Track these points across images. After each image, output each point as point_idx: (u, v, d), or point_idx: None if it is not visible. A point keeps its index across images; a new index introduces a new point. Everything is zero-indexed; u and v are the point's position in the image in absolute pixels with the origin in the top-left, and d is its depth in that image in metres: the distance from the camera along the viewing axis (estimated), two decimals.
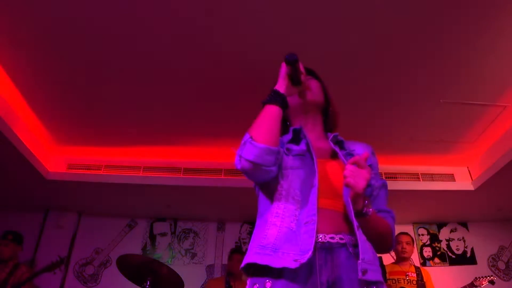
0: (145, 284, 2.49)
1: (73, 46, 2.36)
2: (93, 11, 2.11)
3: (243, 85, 2.71)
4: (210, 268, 4.09)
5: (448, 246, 4.34)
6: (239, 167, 0.99)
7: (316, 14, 2.13)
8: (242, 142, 0.99)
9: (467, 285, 3.34)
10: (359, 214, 0.97)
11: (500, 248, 4.33)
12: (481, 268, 4.17)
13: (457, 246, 4.34)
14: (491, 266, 4.22)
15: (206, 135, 3.33)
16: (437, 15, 2.13)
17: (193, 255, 4.19)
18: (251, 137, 0.98)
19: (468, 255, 4.28)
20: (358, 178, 0.93)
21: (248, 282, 0.97)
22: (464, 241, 4.38)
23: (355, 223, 0.94)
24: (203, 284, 3.98)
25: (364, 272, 0.89)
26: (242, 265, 0.97)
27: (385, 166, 3.63)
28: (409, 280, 3.02)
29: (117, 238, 4.24)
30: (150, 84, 2.70)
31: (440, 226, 4.47)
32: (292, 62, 1.08)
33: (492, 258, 4.27)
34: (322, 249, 0.93)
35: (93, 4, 2.06)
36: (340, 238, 0.95)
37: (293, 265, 0.87)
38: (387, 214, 1.10)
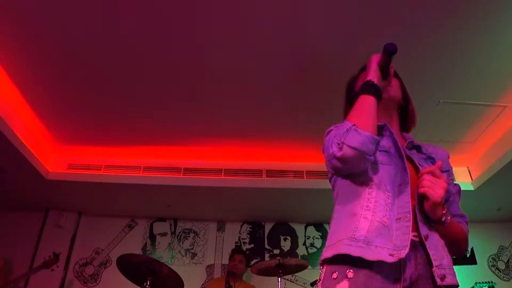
0: (145, 284, 2.50)
1: (73, 46, 2.36)
2: (93, 11, 2.11)
3: (244, 85, 2.71)
4: (210, 268, 4.09)
5: None
6: (339, 154, 0.96)
7: (312, 11, 2.13)
8: (344, 130, 0.97)
9: None
10: (438, 222, 0.97)
11: (500, 248, 4.33)
12: (481, 268, 4.17)
13: None
14: (491, 266, 4.22)
15: (206, 135, 3.33)
16: (437, 15, 2.13)
17: (193, 255, 4.19)
18: (354, 125, 0.96)
19: (468, 255, 4.28)
20: (436, 188, 0.94)
21: (324, 270, 0.96)
22: None
23: (422, 233, 0.95)
24: (203, 284, 3.98)
25: (442, 278, 0.90)
26: (329, 255, 0.95)
27: None
28: None
29: (117, 238, 4.23)
30: (150, 84, 2.70)
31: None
32: (392, 52, 1.04)
33: (492, 258, 4.27)
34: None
35: (93, 4, 2.06)
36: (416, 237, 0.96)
37: (389, 259, 0.87)
38: (462, 219, 1.12)
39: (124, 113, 3.03)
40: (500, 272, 4.19)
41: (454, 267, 0.98)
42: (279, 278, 2.89)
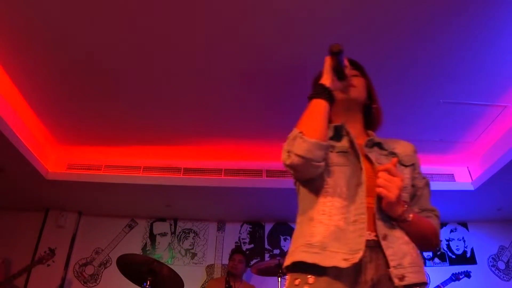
0: (145, 284, 2.50)
1: (73, 45, 2.36)
2: (93, 11, 2.11)
3: (244, 85, 2.71)
4: (210, 268, 4.09)
5: (448, 246, 4.34)
6: (288, 162, 0.98)
7: (312, 13, 2.13)
8: (291, 137, 0.98)
9: (447, 279, 3.55)
10: (399, 220, 0.97)
11: (500, 248, 4.33)
12: (481, 268, 4.17)
13: (457, 246, 4.34)
14: (491, 266, 4.22)
15: (206, 135, 3.33)
16: (437, 15, 2.13)
17: (193, 255, 4.19)
18: (301, 132, 0.97)
19: (468, 255, 4.28)
20: (391, 187, 0.93)
21: (288, 277, 0.97)
22: (464, 241, 4.38)
23: (380, 233, 0.94)
24: (203, 284, 3.98)
25: (401, 278, 0.89)
26: (288, 263, 0.96)
27: None
28: None
29: (117, 238, 4.23)
30: (150, 84, 2.70)
31: (440, 226, 4.46)
32: (336, 53, 1.04)
33: (492, 258, 4.27)
34: (368, 247, 0.92)
35: (94, 4, 2.06)
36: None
37: (343, 264, 0.87)
38: (431, 212, 1.11)
39: (124, 113, 3.02)
40: (500, 272, 4.19)
41: (454, 267, 0.97)
42: (279, 278, 2.89)
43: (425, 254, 4.29)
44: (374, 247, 0.93)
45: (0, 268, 3.41)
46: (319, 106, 1.02)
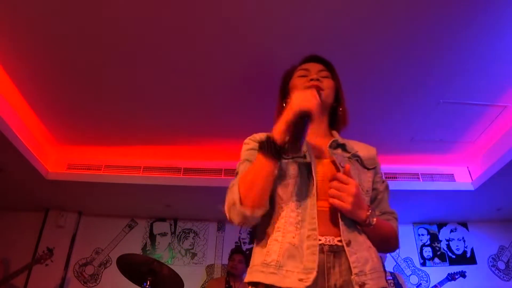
0: (145, 284, 2.49)
1: (73, 45, 2.36)
2: (93, 11, 2.11)
3: (244, 85, 2.71)
4: (210, 268, 4.09)
5: (448, 246, 4.34)
6: (227, 217, 0.99)
7: (314, 13, 2.13)
8: (231, 201, 0.96)
9: (443, 279, 3.58)
10: (364, 225, 0.96)
11: (500, 248, 4.33)
12: (481, 268, 4.17)
13: (457, 246, 4.34)
14: (491, 266, 4.22)
15: (206, 135, 3.33)
16: (438, 15, 2.13)
17: (193, 255, 4.19)
18: (240, 199, 0.94)
19: (468, 255, 4.28)
20: (343, 196, 0.93)
21: None
22: (464, 241, 4.38)
23: (344, 239, 0.93)
24: (203, 284, 3.98)
25: (362, 285, 0.89)
26: (247, 280, 0.96)
27: (385, 166, 3.63)
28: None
29: (117, 238, 4.24)
30: (150, 84, 2.69)
31: (440, 226, 4.47)
32: (306, 117, 0.92)
33: (492, 258, 4.27)
34: (330, 252, 0.92)
35: (94, 5, 2.06)
36: (339, 241, 0.95)
37: (298, 285, 0.87)
38: (391, 215, 1.10)
39: (124, 113, 3.02)
40: (500, 272, 4.19)
41: (454, 267, 0.98)
42: None
43: (425, 254, 4.29)
44: (338, 252, 0.93)
45: None
46: (265, 169, 0.94)
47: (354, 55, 2.41)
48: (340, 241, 0.93)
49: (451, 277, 3.61)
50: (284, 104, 1.21)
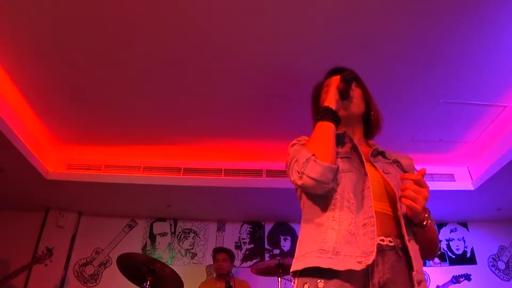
0: (145, 284, 2.50)
1: (73, 45, 2.36)
2: (93, 11, 2.11)
3: (245, 85, 2.71)
4: (210, 268, 4.08)
5: (448, 246, 4.34)
6: (299, 183, 1.01)
7: (315, 13, 2.13)
8: (304, 159, 1.00)
9: (447, 282, 3.55)
10: (419, 226, 1.00)
11: (500, 248, 4.33)
12: (481, 268, 4.17)
13: (457, 246, 4.34)
14: (491, 266, 4.22)
15: (206, 135, 3.33)
16: (438, 15, 2.13)
17: (193, 255, 4.19)
18: (313, 155, 0.99)
19: (468, 255, 4.28)
20: (419, 199, 0.96)
21: (296, 282, 0.98)
22: (464, 241, 4.38)
23: (406, 237, 0.97)
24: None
25: (419, 282, 0.93)
26: (298, 268, 0.98)
27: None
28: None
29: (117, 238, 4.24)
30: (150, 84, 2.70)
31: (440, 226, 4.47)
32: (349, 80, 1.08)
33: (492, 258, 4.27)
34: (377, 250, 0.95)
35: (94, 5, 2.06)
36: (390, 241, 0.98)
37: (357, 267, 0.90)
38: (432, 221, 1.14)
39: (124, 113, 3.02)
40: (500, 272, 4.19)
41: (454, 267, 1.00)
42: (279, 278, 2.89)
43: None
44: (381, 250, 0.95)
45: None
46: (327, 129, 1.05)
47: (353, 56, 2.41)
48: (383, 240, 0.97)
49: (455, 280, 3.56)
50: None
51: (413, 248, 0.98)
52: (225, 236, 4.32)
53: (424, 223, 0.99)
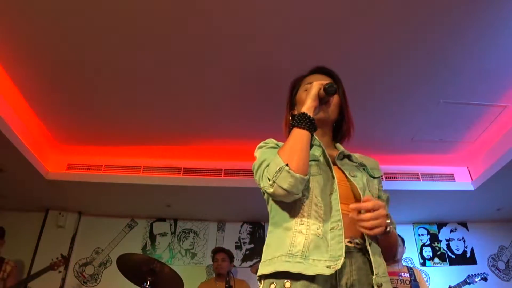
0: (145, 284, 2.49)
1: (73, 45, 2.36)
2: (93, 11, 2.11)
3: (245, 86, 2.71)
4: (210, 268, 4.08)
5: (448, 246, 4.35)
6: (269, 191, 0.99)
7: (316, 15, 2.13)
8: (276, 168, 0.97)
9: (461, 282, 3.40)
10: (384, 233, 0.99)
11: (500, 248, 4.33)
12: (481, 268, 4.17)
13: (457, 246, 4.35)
14: (491, 266, 4.22)
15: (206, 135, 3.33)
16: (438, 16, 2.13)
17: (193, 255, 4.19)
18: (287, 165, 0.96)
19: (468, 255, 4.28)
20: (380, 223, 0.94)
21: (262, 283, 1.00)
22: (464, 241, 4.38)
23: (367, 240, 0.99)
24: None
25: (380, 286, 0.94)
26: (266, 272, 0.98)
27: (385, 166, 3.63)
28: (402, 280, 3.05)
29: (117, 238, 4.24)
30: (150, 84, 2.70)
31: (440, 226, 4.47)
32: (332, 93, 1.08)
33: (492, 258, 4.27)
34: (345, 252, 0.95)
35: (94, 5, 2.06)
36: (357, 243, 0.99)
37: (327, 271, 0.90)
38: (392, 225, 1.14)
39: (124, 113, 3.02)
40: (500, 272, 4.19)
41: (454, 267, 1.00)
42: None
43: (425, 254, 4.29)
44: (348, 252, 0.96)
45: (12, 272, 3.42)
46: (302, 138, 1.02)
47: (354, 56, 2.41)
48: (350, 242, 0.98)
49: (471, 280, 3.41)
50: (290, 117, 1.23)
51: (374, 252, 0.99)
52: (225, 236, 4.32)
53: (387, 229, 0.97)
